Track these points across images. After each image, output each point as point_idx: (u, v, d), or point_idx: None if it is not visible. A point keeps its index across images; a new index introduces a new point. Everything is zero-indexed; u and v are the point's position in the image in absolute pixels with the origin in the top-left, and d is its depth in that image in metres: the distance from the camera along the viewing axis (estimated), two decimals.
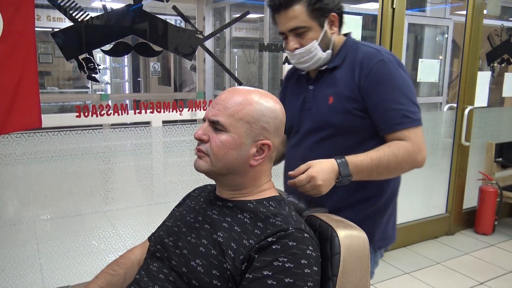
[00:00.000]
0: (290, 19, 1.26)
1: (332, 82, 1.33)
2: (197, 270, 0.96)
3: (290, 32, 1.28)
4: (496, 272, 3.02)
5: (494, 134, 3.93)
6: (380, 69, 1.25)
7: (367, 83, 1.26)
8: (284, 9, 1.26)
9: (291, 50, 1.30)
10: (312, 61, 1.31)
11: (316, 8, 1.26)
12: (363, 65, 1.28)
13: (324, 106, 1.32)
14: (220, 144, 1.01)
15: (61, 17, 2.23)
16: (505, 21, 3.94)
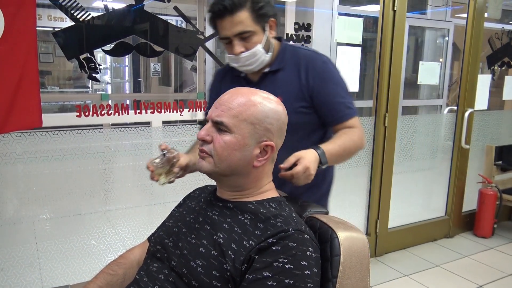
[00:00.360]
0: (236, 24, 1.31)
1: (278, 83, 1.42)
2: (197, 270, 0.96)
3: (236, 37, 1.33)
4: (495, 275, 3.02)
5: (494, 137, 3.93)
6: (323, 69, 1.43)
7: (315, 83, 1.41)
8: (229, 15, 1.30)
9: (237, 54, 1.34)
10: (257, 64, 1.38)
11: (260, 14, 1.33)
12: (309, 66, 1.42)
13: None
14: (224, 144, 1.01)
15: (62, 17, 2.24)
16: (506, 24, 3.94)
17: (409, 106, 4.72)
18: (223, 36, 1.35)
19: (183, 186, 2.46)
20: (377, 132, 3.13)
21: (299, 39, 2.65)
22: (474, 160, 3.76)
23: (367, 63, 4.19)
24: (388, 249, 3.32)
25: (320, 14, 3.39)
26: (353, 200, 3.27)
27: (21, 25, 1.76)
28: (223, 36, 1.35)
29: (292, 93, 1.42)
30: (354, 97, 4.32)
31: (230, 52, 1.37)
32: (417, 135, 3.49)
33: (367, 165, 3.21)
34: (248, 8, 1.31)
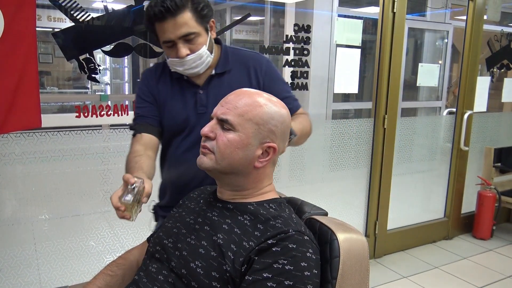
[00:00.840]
0: (180, 26, 1.27)
1: (227, 86, 1.38)
2: (197, 271, 0.96)
3: (180, 39, 1.29)
4: (494, 277, 3.02)
5: (493, 139, 3.93)
6: (270, 68, 1.48)
7: (265, 82, 1.45)
8: (172, 16, 1.26)
9: (182, 57, 1.31)
10: (203, 66, 1.36)
11: (202, 14, 1.31)
12: (257, 67, 1.45)
13: None
14: (227, 142, 1.01)
15: (62, 17, 2.24)
16: (505, 27, 3.95)
17: (408, 108, 4.73)
18: (166, 40, 1.30)
19: None
20: (376, 134, 3.13)
21: (298, 40, 2.65)
22: (473, 162, 3.77)
23: (366, 65, 4.20)
24: (387, 251, 3.32)
25: (320, 15, 3.39)
26: (352, 202, 3.27)
27: (21, 26, 1.76)
28: (166, 40, 1.30)
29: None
30: (354, 98, 4.33)
31: (174, 55, 1.33)
32: (416, 137, 3.50)
33: (366, 167, 3.21)
34: (190, 9, 1.28)
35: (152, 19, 1.29)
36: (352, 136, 3.10)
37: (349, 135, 3.08)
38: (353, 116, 4.31)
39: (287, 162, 2.95)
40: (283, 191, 1.31)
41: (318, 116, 3.75)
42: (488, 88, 3.73)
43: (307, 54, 2.68)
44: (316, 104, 3.64)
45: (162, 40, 1.31)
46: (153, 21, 1.29)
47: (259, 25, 4.48)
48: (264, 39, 4.26)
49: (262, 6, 3.96)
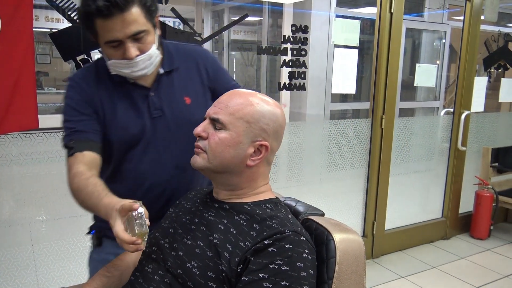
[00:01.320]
0: (129, 23, 1.12)
1: (178, 83, 1.31)
2: (193, 271, 0.96)
3: (129, 39, 1.14)
4: (492, 277, 3.03)
5: (491, 139, 3.94)
6: (213, 58, 1.42)
7: (213, 73, 1.38)
8: (119, 13, 1.10)
9: (132, 58, 1.15)
10: (151, 66, 1.22)
11: (151, 10, 1.17)
12: (201, 59, 1.37)
13: (181, 107, 1.30)
14: (219, 141, 1.02)
15: (59, 18, 2.23)
16: (502, 27, 3.96)
17: (406, 108, 4.74)
18: (112, 39, 1.13)
19: None
20: (374, 134, 3.14)
21: (296, 41, 2.65)
22: (471, 162, 3.78)
23: (364, 65, 4.21)
24: (384, 251, 3.33)
25: (318, 16, 3.40)
26: (350, 202, 3.27)
27: (18, 26, 1.75)
28: (111, 39, 1.13)
29: (198, 91, 1.35)
30: (351, 99, 4.33)
31: (119, 56, 1.16)
32: (414, 137, 3.50)
33: (364, 167, 3.21)
34: (138, 4, 1.13)
35: (92, 16, 1.11)
36: (349, 136, 3.10)
37: (347, 136, 3.09)
38: (351, 117, 4.32)
39: (285, 163, 2.95)
40: (280, 192, 1.31)
41: (316, 116, 3.76)
42: (486, 88, 3.74)
43: (304, 55, 2.69)
44: (314, 104, 3.64)
45: (106, 40, 1.14)
46: (93, 17, 1.11)
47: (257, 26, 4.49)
48: (262, 40, 4.26)
49: (260, 7, 3.96)
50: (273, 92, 3.80)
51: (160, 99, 1.28)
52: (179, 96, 1.31)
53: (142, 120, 1.26)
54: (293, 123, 3.11)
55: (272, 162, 1.11)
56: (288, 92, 3.02)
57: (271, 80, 3.90)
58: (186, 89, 1.32)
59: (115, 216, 0.95)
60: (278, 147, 1.10)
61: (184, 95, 1.32)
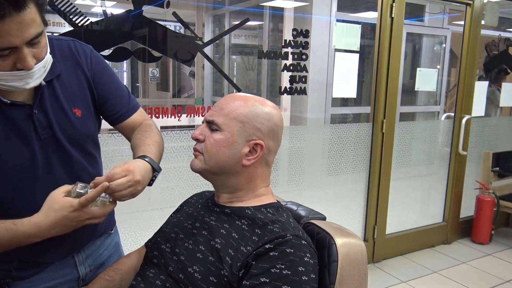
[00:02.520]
0: (27, 25, 0.88)
1: (65, 93, 1.08)
2: (194, 276, 0.96)
3: (26, 44, 0.90)
4: (493, 282, 3.02)
5: (491, 143, 3.94)
6: (97, 57, 1.17)
7: (95, 75, 1.14)
8: (16, 13, 0.85)
9: (31, 68, 0.93)
10: (45, 74, 1.00)
11: (42, 4, 0.93)
12: (80, 57, 1.12)
13: (72, 122, 1.09)
14: (214, 142, 1.04)
15: (61, 22, 2.23)
16: (503, 32, 3.97)
17: (406, 113, 4.74)
18: (4, 47, 0.88)
19: (180, 191, 2.46)
20: (374, 138, 3.14)
21: (297, 45, 2.66)
22: (472, 166, 3.77)
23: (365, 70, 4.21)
24: (386, 255, 3.32)
25: (319, 20, 3.40)
26: (351, 206, 3.27)
27: None
28: (2, 47, 0.88)
29: (87, 99, 1.13)
30: (352, 103, 4.33)
31: (10, 67, 0.92)
32: (415, 141, 3.50)
33: (365, 171, 3.21)
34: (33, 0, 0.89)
35: None
36: (350, 140, 3.10)
37: (347, 140, 3.09)
38: (352, 121, 4.32)
39: (286, 167, 2.95)
40: (281, 196, 1.31)
41: (317, 120, 3.76)
42: (486, 93, 3.74)
43: (305, 59, 2.69)
44: (315, 108, 3.64)
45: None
46: None
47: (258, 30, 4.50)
48: (262, 44, 4.27)
49: (261, 11, 3.97)
50: (274, 96, 3.81)
51: (47, 116, 1.04)
52: (68, 109, 1.08)
53: (29, 146, 1.02)
54: (294, 127, 3.11)
55: (271, 163, 1.11)
56: (289, 96, 3.02)
57: (272, 84, 3.90)
58: (73, 99, 1.10)
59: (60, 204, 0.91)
60: (276, 147, 1.10)
61: (72, 106, 1.09)
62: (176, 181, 2.46)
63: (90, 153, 1.18)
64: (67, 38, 1.14)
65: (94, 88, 1.15)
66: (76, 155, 1.12)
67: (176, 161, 2.44)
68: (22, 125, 1.01)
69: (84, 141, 1.15)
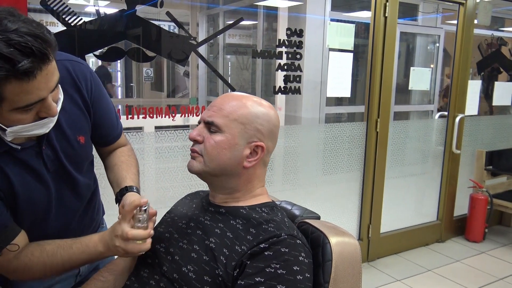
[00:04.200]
0: (52, 74, 0.88)
1: (67, 121, 1.07)
2: (189, 276, 0.96)
3: (50, 93, 0.90)
4: (487, 279, 3.03)
5: (485, 142, 3.97)
6: (95, 80, 1.15)
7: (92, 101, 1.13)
8: (46, 65, 0.84)
9: (55, 114, 0.95)
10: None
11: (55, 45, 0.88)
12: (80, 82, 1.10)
13: (76, 150, 1.11)
14: (214, 144, 1.02)
15: (54, 22, 2.22)
16: (495, 31, 3.99)
17: (400, 112, 4.76)
18: (32, 102, 0.86)
19: (175, 191, 2.45)
20: (369, 137, 3.15)
21: (291, 44, 2.66)
22: (465, 165, 3.79)
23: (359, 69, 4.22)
24: (380, 254, 3.33)
25: (312, 20, 3.41)
26: (345, 205, 3.27)
27: None
28: (31, 102, 0.86)
29: (87, 125, 1.14)
30: (346, 102, 4.34)
31: (33, 118, 0.91)
32: (409, 140, 3.52)
33: (359, 170, 3.22)
34: (52, 47, 0.87)
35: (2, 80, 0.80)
36: (345, 139, 3.11)
37: (342, 139, 3.10)
38: (346, 120, 4.33)
39: (280, 166, 2.95)
40: (276, 195, 1.31)
41: (311, 120, 3.76)
42: (479, 92, 3.76)
43: (299, 58, 2.70)
44: (309, 108, 3.65)
45: (20, 105, 0.86)
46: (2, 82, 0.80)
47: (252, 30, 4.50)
48: (257, 43, 4.27)
49: (255, 11, 3.97)
50: (268, 95, 3.81)
51: (54, 149, 1.06)
52: (72, 138, 1.09)
53: (42, 181, 1.05)
54: (289, 126, 3.11)
55: (268, 163, 1.11)
56: (283, 96, 3.02)
57: (266, 84, 3.90)
58: (76, 126, 1.10)
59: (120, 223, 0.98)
60: (273, 148, 1.10)
61: (77, 134, 1.10)
62: (171, 181, 2.45)
63: (89, 171, 1.23)
64: (63, 57, 1.08)
65: (92, 113, 1.15)
66: (81, 179, 1.15)
67: (171, 161, 2.43)
68: (33, 164, 1.03)
69: (85, 164, 1.19)
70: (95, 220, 1.32)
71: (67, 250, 1.02)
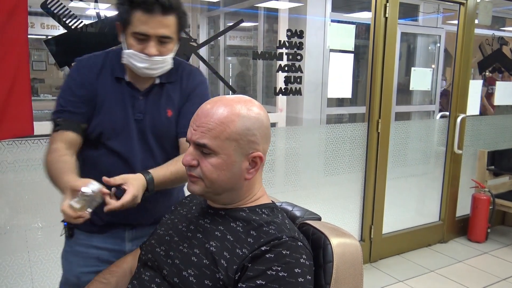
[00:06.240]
0: (163, 25, 1.23)
1: (167, 96, 1.36)
2: (189, 280, 0.95)
3: (156, 38, 1.24)
4: (490, 280, 3.02)
5: (486, 142, 3.96)
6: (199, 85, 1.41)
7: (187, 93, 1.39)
8: (160, 14, 1.21)
9: (151, 55, 1.24)
10: (161, 70, 1.31)
11: (183, 24, 1.29)
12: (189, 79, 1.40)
13: (162, 118, 1.36)
14: (212, 168, 0.99)
15: (55, 25, 2.23)
16: (496, 31, 3.99)
17: (401, 112, 4.76)
18: (142, 32, 1.22)
19: None
20: (370, 138, 3.14)
21: (292, 46, 2.66)
22: (467, 165, 3.79)
23: (359, 70, 4.22)
24: (382, 255, 3.32)
25: (313, 21, 3.41)
26: (347, 206, 3.27)
27: (13, 33, 1.75)
28: (141, 32, 1.22)
29: (178, 107, 1.39)
30: (347, 103, 4.34)
31: (139, 49, 1.24)
32: (410, 141, 3.51)
33: (361, 171, 3.21)
34: (177, 14, 1.25)
35: (136, 6, 1.21)
36: (346, 140, 3.11)
37: (343, 140, 3.09)
38: (347, 121, 4.33)
39: (282, 167, 2.95)
40: (278, 196, 1.31)
41: (312, 121, 3.76)
42: (480, 92, 3.76)
43: (300, 59, 2.69)
44: (310, 109, 3.65)
45: (136, 30, 1.22)
46: (135, 7, 1.21)
47: (253, 31, 4.50)
48: (257, 45, 4.27)
49: (255, 12, 3.98)
50: (269, 97, 3.81)
51: (146, 105, 1.34)
52: (163, 108, 1.36)
53: (126, 117, 1.32)
54: (290, 127, 3.11)
55: (264, 164, 1.09)
56: (284, 97, 3.03)
57: (267, 85, 3.91)
58: (171, 102, 1.37)
59: (66, 194, 1.11)
60: (268, 147, 1.07)
61: (168, 107, 1.36)
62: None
63: (158, 148, 1.37)
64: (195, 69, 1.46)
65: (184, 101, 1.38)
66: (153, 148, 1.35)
67: None
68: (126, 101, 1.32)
69: (166, 139, 1.37)
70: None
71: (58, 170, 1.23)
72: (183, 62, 1.43)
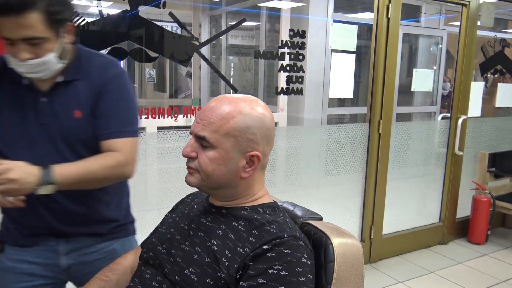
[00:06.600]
0: (23, 27, 1.08)
1: (74, 95, 1.23)
2: (191, 278, 0.95)
3: (22, 41, 1.11)
4: (489, 282, 3.02)
5: (487, 143, 3.96)
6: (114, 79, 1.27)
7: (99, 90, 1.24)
8: (14, 14, 1.07)
9: (22, 59, 1.13)
10: (46, 72, 1.18)
11: (55, 19, 1.13)
12: (100, 74, 1.26)
13: (69, 120, 1.23)
14: (208, 161, 0.99)
15: None
16: (498, 32, 3.99)
17: (403, 113, 4.76)
18: (5, 36, 1.11)
19: (177, 192, 2.45)
20: (371, 139, 3.14)
21: (293, 45, 2.66)
22: (468, 166, 3.78)
23: (361, 70, 4.22)
24: (382, 256, 3.32)
25: (315, 21, 3.41)
26: (348, 206, 3.27)
27: None
28: (4, 36, 1.11)
29: (88, 106, 1.25)
30: (349, 103, 4.34)
31: (13, 54, 1.13)
32: (411, 142, 3.51)
33: (362, 172, 3.21)
34: (40, 10, 1.08)
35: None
36: (347, 141, 3.11)
37: (344, 140, 3.09)
38: (348, 121, 4.33)
39: (283, 167, 2.95)
40: (278, 196, 1.31)
41: (314, 121, 3.76)
42: (482, 93, 3.76)
43: (302, 59, 2.70)
44: (312, 109, 3.65)
45: (2, 35, 1.11)
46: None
47: (255, 30, 4.50)
48: (259, 44, 4.27)
49: (257, 12, 3.98)
50: (271, 96, 3.81)
51: (51, 106, 1.22)
52: (69, 108, 1.23)
53: (25, 124, 1.21)
54: (291, 127, 3.11)
55: (266, 165, 1.09)
56: (285, 97, 3.03)
57: (269, 85, 3.91)
58: (79, 101, 1.24)
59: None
60: (270, 150, 1.07)
61: (75, 107, 1.23)
62: (173, 181, 2.45)
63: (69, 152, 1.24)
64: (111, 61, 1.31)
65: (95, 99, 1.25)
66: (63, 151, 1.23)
67: (173, 161, 2.44)
68: (27, 106, 1.22)
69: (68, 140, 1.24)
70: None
71: None
72: (95, 55, 1.30)
